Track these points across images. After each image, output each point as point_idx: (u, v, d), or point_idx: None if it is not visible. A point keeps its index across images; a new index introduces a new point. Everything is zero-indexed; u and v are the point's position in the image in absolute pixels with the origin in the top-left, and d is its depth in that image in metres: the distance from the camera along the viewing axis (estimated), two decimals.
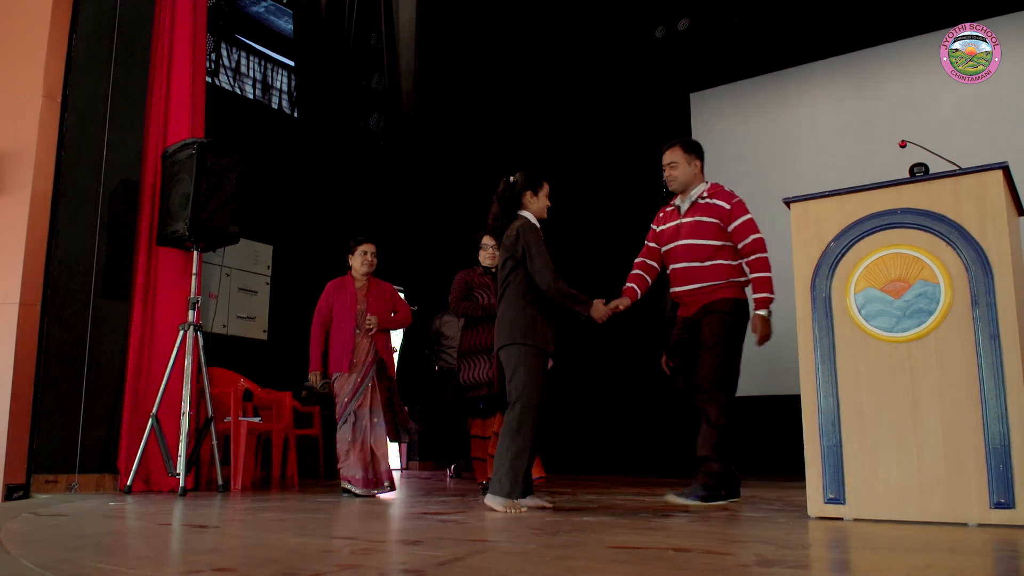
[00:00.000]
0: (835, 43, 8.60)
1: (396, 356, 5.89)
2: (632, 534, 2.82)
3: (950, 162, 3.72)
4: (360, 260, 5.36)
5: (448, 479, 7.03)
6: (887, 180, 3.40)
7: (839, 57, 8.59)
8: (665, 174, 4.57)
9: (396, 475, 5.45)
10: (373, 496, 4.92)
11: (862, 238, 3.36)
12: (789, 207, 3.61)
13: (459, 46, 9.89)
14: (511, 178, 4.18)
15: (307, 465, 7.13)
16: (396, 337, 5.94)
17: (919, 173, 3.46)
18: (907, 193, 3.31)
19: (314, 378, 5.13)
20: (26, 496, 4.49)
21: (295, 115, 8.64)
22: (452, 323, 5.90)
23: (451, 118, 9.76)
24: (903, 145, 4.08)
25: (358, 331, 5.12)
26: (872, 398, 3.26)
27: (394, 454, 9.27)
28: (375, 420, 5.05)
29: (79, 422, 4.77)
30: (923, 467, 3.12)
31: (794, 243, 3.55)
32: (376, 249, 5.42)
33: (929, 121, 7.49)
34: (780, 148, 8.84)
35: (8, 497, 4.43)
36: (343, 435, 5.01)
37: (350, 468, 4.96)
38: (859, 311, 3.32)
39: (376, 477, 5.02)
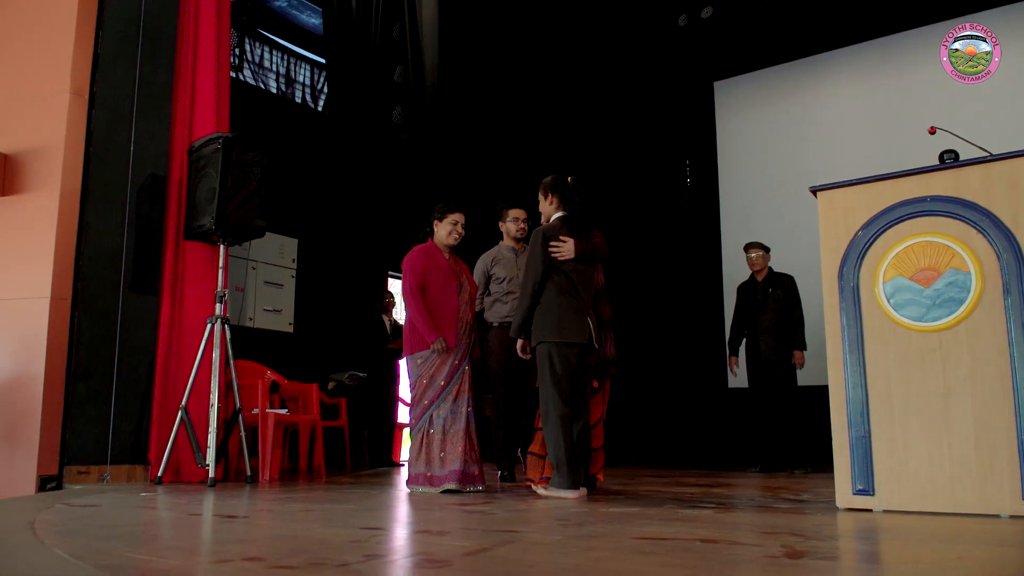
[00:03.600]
0: (861, 29, 8.50)
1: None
2: (658, 525, 2.81)
3: (980, 148, 3.68)
4: (448, 231, 4.78)
5: (498, 481, 5.40)
6: (916, 167, 3.36)
7: (865, 43, 8.48)
8: None
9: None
10: (478, 491, 4.49)
11: (891, 226, 3.33)
12: (816, 196, 3.58)
13: (482, 37, 9.87)
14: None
15: (334, 456, 7.17)
16: None
17: (949, 160, 3.42)
18: (936, 180, 3.27)
19: (441, 344, 4.54)
20: (59, 487, 4.56)
21: (318, 109, 8.68)
22: (507, 262, 5.49)
23: (474, 110, 9.75)
24: (932, 132, 4.03)
25: (461, 309, 4.68)
26: (901, 388, 3.23)
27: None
28: (470, 408, 4.57)
29: (110, 414, 4.83)
30: (954, 458, 3.09)
31: (821, 232, 3.52)
32: (465, 220, 4.86)
33: (958, 107, 7.39)
34: (805, 136, 8.76)
35: (42, 488, 4.50)
36: (442, 424, 4.49)
37: (434, 465, 4.47)
38: (888, 300, 3.29)
39: (479, 470, 4.56)
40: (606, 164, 10.00)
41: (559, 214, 4.40)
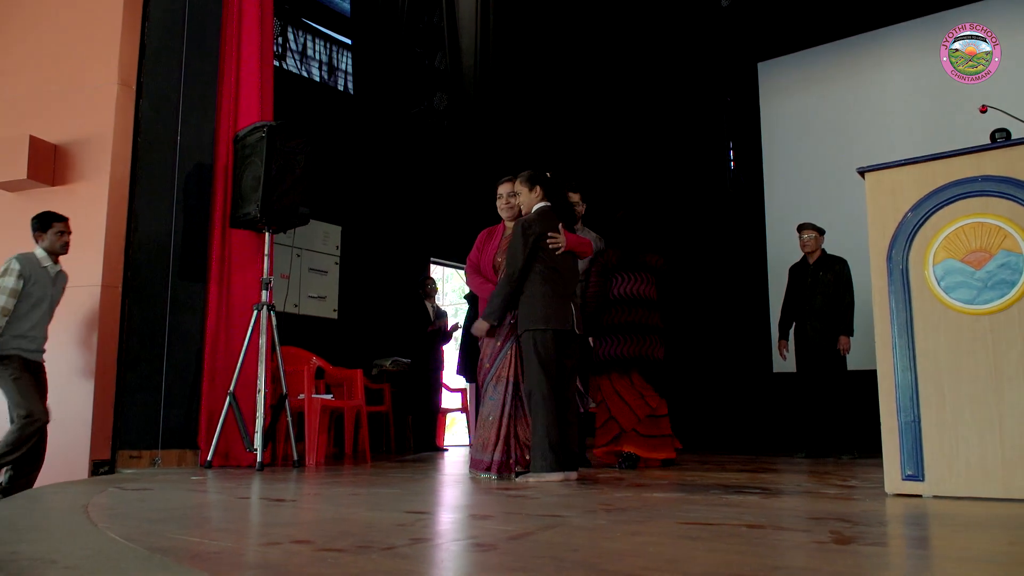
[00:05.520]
0: (907, 7, 8.31)
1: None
2: (704, 510, 2.80)
3: None
4: (499, 205, 4.71)
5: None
6: (966, 147, 3.28)
7: (911, 21, 8.29)
8: None
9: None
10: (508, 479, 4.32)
11: (941, 207, 3.25)
12: (863, 177, 3.51)
13: (521, 21, 9.83)
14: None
15: (378, 441, 7.25)
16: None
17: (1000, 139, 3.34)
18: (988, 160, 3.19)
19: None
20: (111, 471, 4.66)
21: (354, 94, 8.71)
22: None
23: (514, 95, 9.72)
24: (983, 110, 3.95)
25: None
26: (952, 372, 3.17)
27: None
28: (508, 393, 4.39)
29: (160, 399, 4.93)
30: (1005, 443, 3.03)
31: (869, 214, 3.45)
32: (514, 189, 4.65)
33: (1009, 85, 7.20)
34: (851, 117, 8.60)
35: (95, 472, 4.61)
36: (488, 409, 4.43)
37: (476, 449, 4.47)
38: (938, 283, 3.23)
39: (519, 456, 4.38)
40: (649, 147, 9.92)
41: (540, 205, 4.44)
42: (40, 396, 4.53)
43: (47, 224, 4.65)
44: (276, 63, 6.92)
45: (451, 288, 12.11)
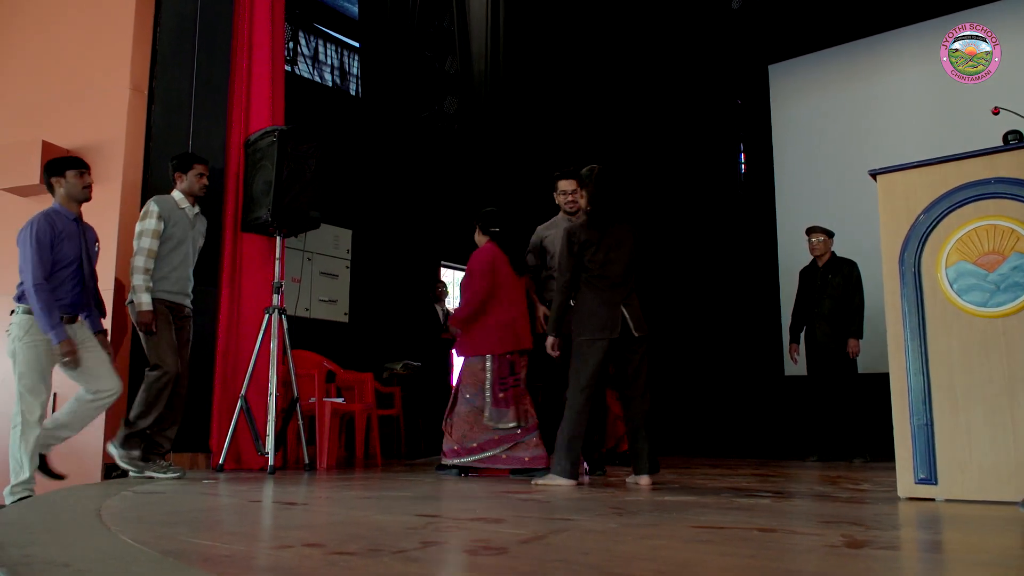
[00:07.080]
0: (915, 9, 8.28)
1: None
2: (715, 514, 2.79)
3: None
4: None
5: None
6: (979, 149, 3.26)
7: (922, 23, 8.27)
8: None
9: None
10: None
11: (953, 210, 3.24)
12: (875, 179, 3.50)
13: (531, 24, 9.84)
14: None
15: (389, 445, 7.25)
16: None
17: (1013, 140, 3.33)
18: (1001, 162, 3.18)
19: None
20: (124, 475, 4.67)
21: (365, 98, 8.72)
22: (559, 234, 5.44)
23: (526, 98, 9.72)
24: (996, 112, 3.93)
25: None
26: (965, 375, 3.15)
27: None
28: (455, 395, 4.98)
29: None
30: (1019, 446, 3.01)
31: (881, 216, 3.44)
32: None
33: (1009, 86, 7.15)
34: (862, 119, 8.57)
35: (107, 476, 4.63)
36: None
37: None
38: (951, 285, 3.21)
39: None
40: (660, 150, 9.91)
41: (587, 209, 4.39)
42: (173, 346, 4.49)
43: (188, 165, 4.65)
44: (287, 68, 6.94)
45: None
